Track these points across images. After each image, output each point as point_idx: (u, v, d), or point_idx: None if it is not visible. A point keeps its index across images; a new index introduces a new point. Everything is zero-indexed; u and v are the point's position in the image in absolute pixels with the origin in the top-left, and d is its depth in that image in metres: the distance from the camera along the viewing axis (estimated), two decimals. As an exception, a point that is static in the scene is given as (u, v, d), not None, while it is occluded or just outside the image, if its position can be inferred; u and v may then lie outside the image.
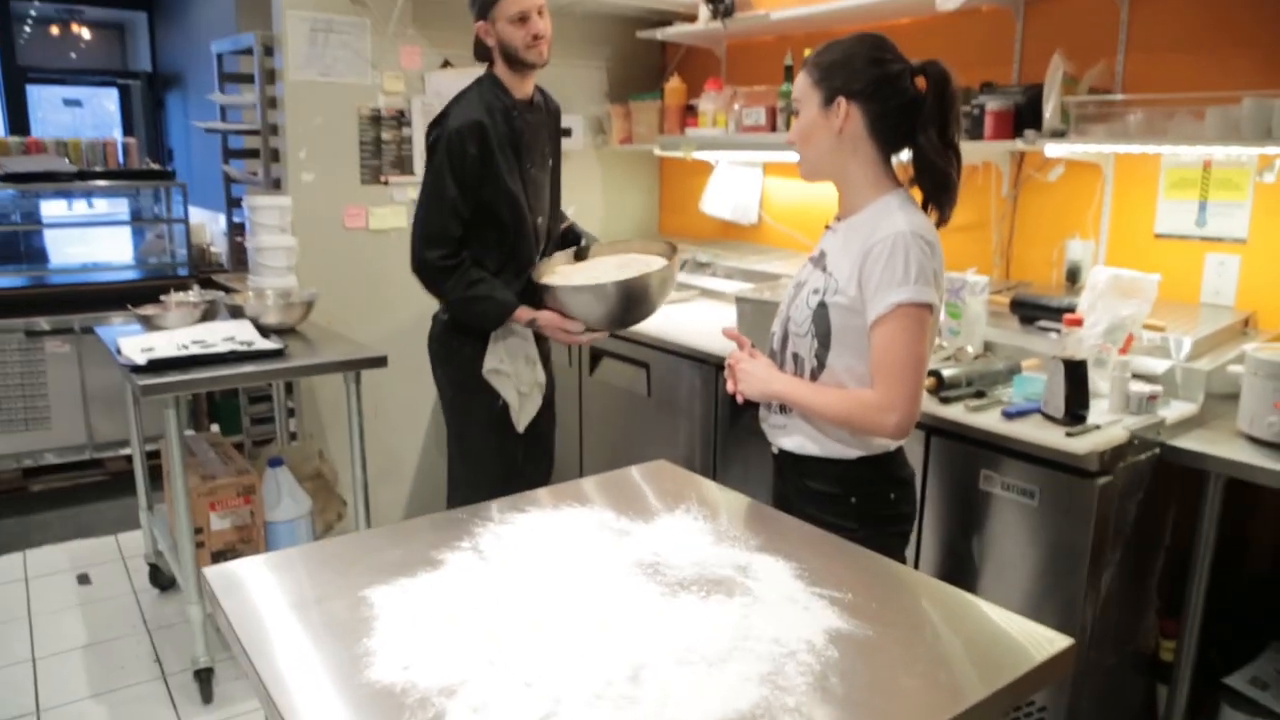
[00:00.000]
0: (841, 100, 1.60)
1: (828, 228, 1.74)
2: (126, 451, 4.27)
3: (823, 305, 1.63)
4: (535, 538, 1.42)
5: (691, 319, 3.06)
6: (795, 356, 1.70)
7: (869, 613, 1.20)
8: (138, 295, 3.48)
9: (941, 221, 1.65)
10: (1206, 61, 2.38)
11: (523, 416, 2.51)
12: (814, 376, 1.66)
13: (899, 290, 1.53)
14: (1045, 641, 1.15)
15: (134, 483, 3.34)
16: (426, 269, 2.32)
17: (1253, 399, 1.94)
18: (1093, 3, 2.55)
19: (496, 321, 2.36)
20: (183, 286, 4.06)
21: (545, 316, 2.34)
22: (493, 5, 2.25)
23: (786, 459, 1.75)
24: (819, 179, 1.71)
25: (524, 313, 2.34)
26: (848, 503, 1.67)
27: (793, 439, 1.71)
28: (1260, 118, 2.05)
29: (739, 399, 1.76)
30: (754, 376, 1.72)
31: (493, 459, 2.49)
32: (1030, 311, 2.37)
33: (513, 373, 2.45)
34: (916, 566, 2.12)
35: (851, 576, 1.31)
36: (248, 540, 2.63)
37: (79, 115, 9.56)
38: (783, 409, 1.73)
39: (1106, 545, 1.87)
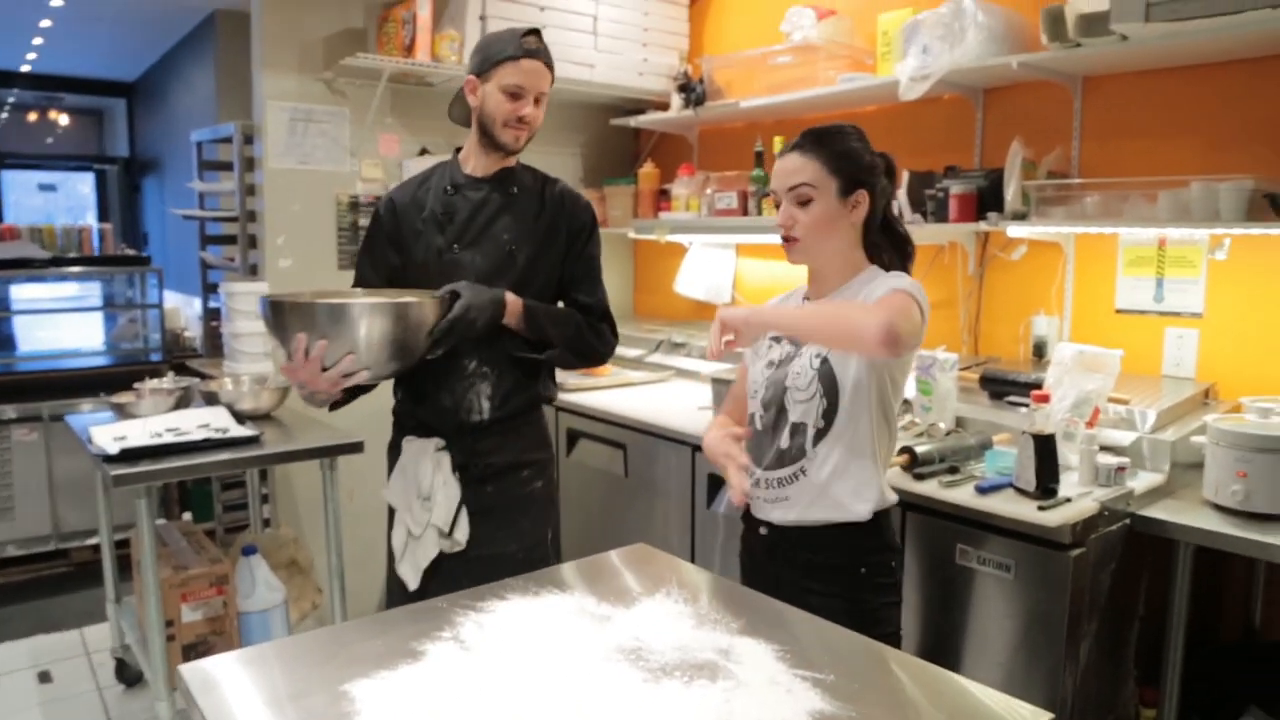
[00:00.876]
0: (862, 191, 1.70)
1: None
2: (93, 541, 4.19)
3: (825, 360, 1.68)
4: (516, 626, 1.41)
5: (668, 399, 3.09)
6: (796, 427, 1.73)
7: (851, 693, 1.20)
8: (110, 381, 3.47)
9: None
10: (1155, 147, 2.49)
11: (406, 565, 2.08)
12: (817, 440, 1.71)
13: (896, 280, 1.65)
14: (1028, 715, 1.16)
15: (100, 574, 3.27)
16: None
17: (1216, 468, 1.99)
18: (1048, 92, 2.67)
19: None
20: (156, 372, 4.05)
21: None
22: (494, 66, 1.96)
23: (786, 535, 1.75)
24: (812, 262, 1.77)
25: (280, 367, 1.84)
26: (858, 574, 1.70)
27: (795, 510, 1.73)
28: (1208, 200, 2.14)
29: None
30: (749, 321, 1.66)
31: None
32: (999, 387, 2.42)
33: (403, 505, 2.07)
34: (899, 643, 2.11)
35: (833, 657, 1.31)
36: (220, 632, 2.58)
37: (52, 199, 9.60)
38: (780, 482, 1.74)
39: (1083, 616, 1.88)
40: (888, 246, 1.78)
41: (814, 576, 1.70)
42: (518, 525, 2.08)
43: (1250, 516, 1.92)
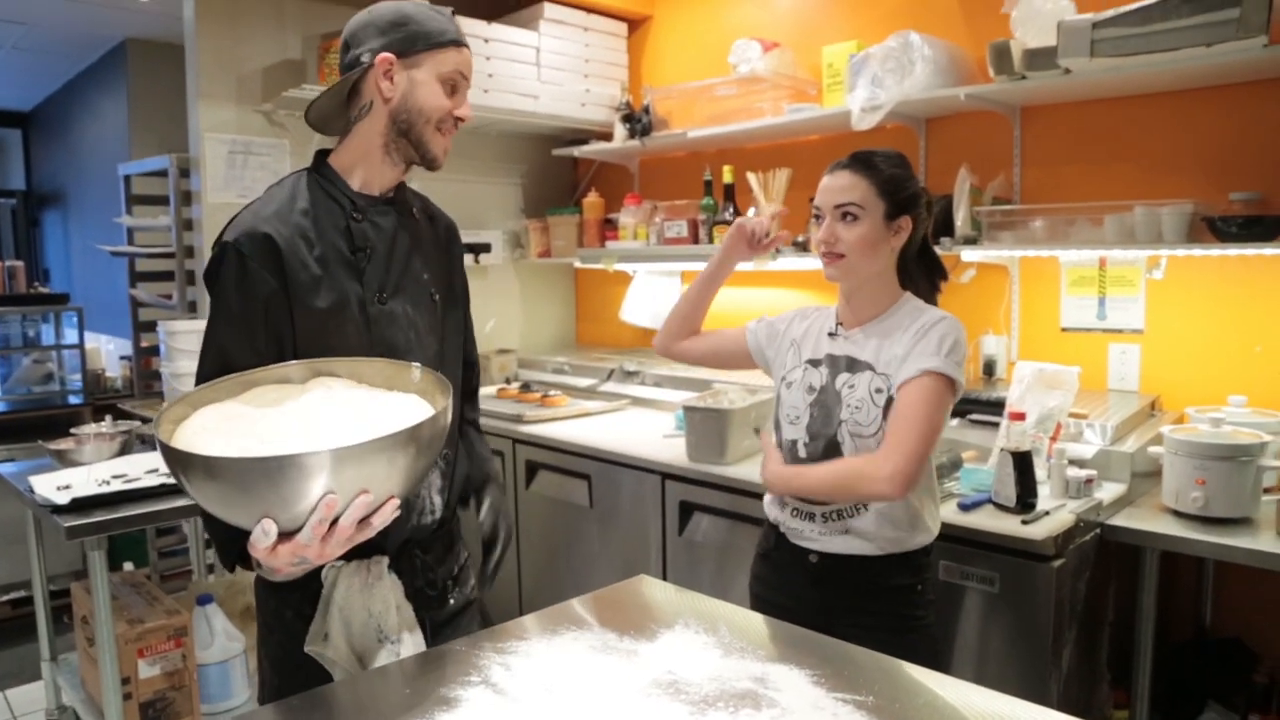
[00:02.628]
0: (906, 218, 1.73)
1: (831, 335, 1.82)
2: (10, 597, 3.94)
3: (890, 399, 1.70)
4: (544, 666, 1.40)
5: (628, 427, 3.10)
6: None
7: (895, 714, 1.22)
8: (24, 427, 3.28)
9: None
10: (1092, 173, 2.63)
11: None
12: None
13: (931, 359, 1.65)
14: (1064, 728, 1.20)
15: (18, 630, 3.08)
16: None
17: (1174, 476, 2.10)
18: (989, 121, 2.79)
19: (229, 560, 1.40)
20: (77, 416, 3.86)
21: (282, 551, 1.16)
22: (430, 48, 1.47)
23: (844, 563, 1.75)
24: (849, 282, 1.78)
25: (262, 549, 1.15)
26: (916, 591, 1.75)
27: (857, 543, 1.74)
28: (1151, 223, 2.28)
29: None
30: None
31: None
32: (961, 405, 2.50)
33: (359, 650, 1.51)
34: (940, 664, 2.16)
35: (865, 678, 1.33)
36: (179, 686, 2.45)
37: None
38: (840, 514, 1.75)
39: (1064, 624, 1.96)
40: (922, 274, 1.83)
41: (873, 597, 1.73)
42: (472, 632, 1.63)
43: (1210, 521, 2.03)
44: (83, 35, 5.21)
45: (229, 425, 1.25)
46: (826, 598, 1.77)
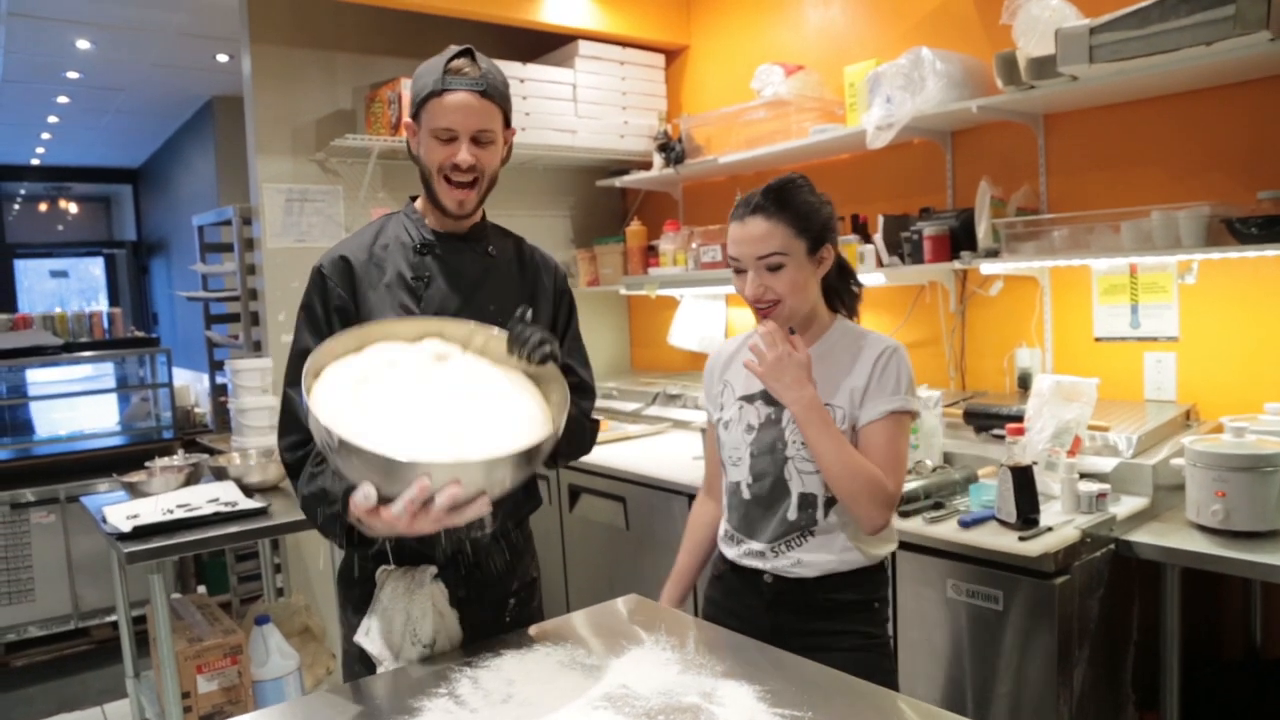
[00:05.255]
0: (828, 246, 1.68)
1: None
2: (112, 619, 4.25)
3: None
4: (509, 680, 1.46)
5: (665, 451, 3.15)
6: (805, 498, 1.67)
7: (829, 729, 1.24)
8: (125, 461, 3.54)
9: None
10: (1119, 178, 2.57)
11: None
12: (829, 507, 1.66)
13: (892, 399, 1.63)
14: (999, 745, 1.20)
15: (119, 651, 3.32)
16: (287, 471, 1.66)
17: (1195, 489, 2.03)
18: (1012, 131, 2.76)
19: (332, 527, 1.51)
20: (168, 449, 4.14)
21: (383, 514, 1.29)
22: (423, 103, 1.58)
23: (800, 583, 1.69)
24: (791, 323, 1.71)
25: (361, 508, 1.30)
26: (872, 609, 1.70)
27: (808, 568, 1.67)
28: (1168, 228, 2.21)
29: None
30: (789, 376, 1.60)
31: None
32: (983, 421, 2.47)
33: (394, 648, 1.60)
34: (897, 683, 2.14)
35: (812, 696, 1.35)
36: (236, 701, 2.62)
37: (64, 284, 9.82)
38: (789, 546, 1.69)
39: (1073, 643, 1.91)
40: (844, 290, 1.78)
41: (829, 616, 1.68)
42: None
43: (1232, 535, 1.95)
44: (174, 96, 5.62)
45: (364, 390, 1.41)
46: (778, 620, 1.70)
